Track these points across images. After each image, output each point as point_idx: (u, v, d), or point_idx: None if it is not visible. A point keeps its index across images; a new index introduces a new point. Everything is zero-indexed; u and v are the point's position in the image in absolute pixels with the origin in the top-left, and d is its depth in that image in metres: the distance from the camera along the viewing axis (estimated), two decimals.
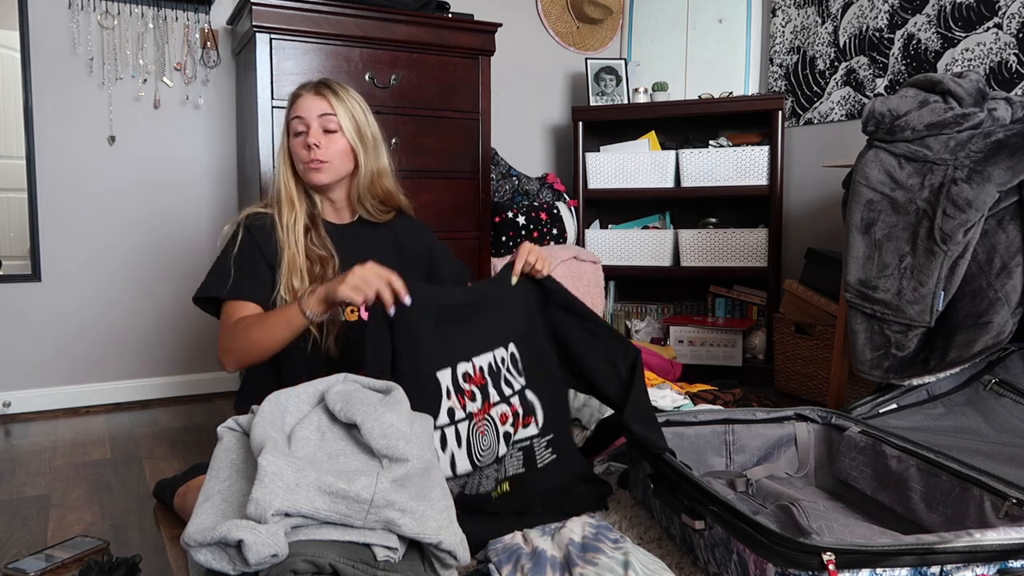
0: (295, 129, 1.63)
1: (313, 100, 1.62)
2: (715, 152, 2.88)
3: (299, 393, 1.23)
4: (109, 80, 2.43)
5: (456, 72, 2.56)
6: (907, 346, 1.72)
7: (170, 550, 1.44)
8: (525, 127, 3.27)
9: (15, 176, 2.36)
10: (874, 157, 1.79)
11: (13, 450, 2.05)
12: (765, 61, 3.06)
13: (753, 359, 2.84)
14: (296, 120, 1.63)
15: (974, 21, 2.33)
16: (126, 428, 2.27)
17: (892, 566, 1.02)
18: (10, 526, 1.55)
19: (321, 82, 1.66)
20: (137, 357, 2.57)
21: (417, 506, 1.04)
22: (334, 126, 1.62)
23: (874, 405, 1.74)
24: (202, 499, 1.05)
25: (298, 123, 1.63)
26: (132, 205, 2.51)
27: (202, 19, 2.53)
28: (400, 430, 1.11)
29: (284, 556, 0.95)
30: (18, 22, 2.30)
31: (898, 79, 2.55)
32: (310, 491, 0.99)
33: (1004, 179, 1.63)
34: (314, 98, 1.62)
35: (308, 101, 1.62)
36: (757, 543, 1.09)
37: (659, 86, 3.05)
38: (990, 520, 1.23)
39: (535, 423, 1.51)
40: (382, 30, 2.40)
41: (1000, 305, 1.64)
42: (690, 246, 2.93)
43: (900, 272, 1.73)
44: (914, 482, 1.40)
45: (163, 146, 2.54)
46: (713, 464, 1.68)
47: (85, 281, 2.47)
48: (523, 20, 3.23)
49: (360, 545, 1.03)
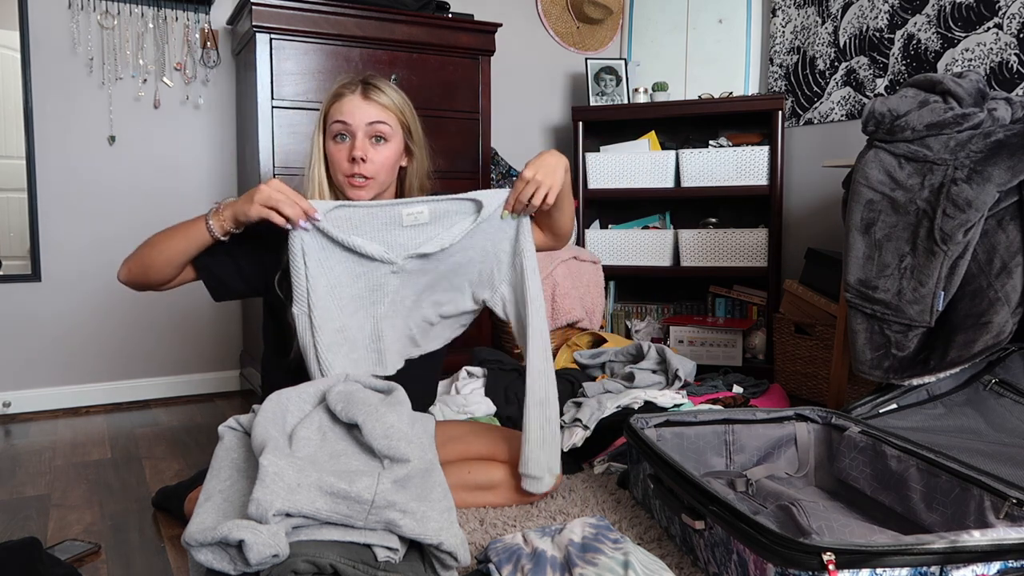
0: (336, 132, 1.47)
1: (361, 105, 1.46)
2: (715, 152, 2.88)
3: (300, 393, 1.23)
4: (109, 80, 2.43)
5: (456, 72, 2.56)
6: (907, 346, 1.73)
7: (170, 550, 1.44)
8: (525, 127, 3.27)
9: (15, 176, 2.36)
10: (874, 157, 1.79)
11: (13, 450, 2.05)
12: (765, 61, 3.06)
13: (753, 359, 2.84)
14: (338, 124, 1.46)
15: (974, 21, 2.33)
16: (126, 428, 2.27)
17: (892, 566, 1.02)
18: (10, 526, 1.55)
19: (367, 83, 1.49)
20: (137, 357, 2.57)
21: (418, 507, 1.05)
22: (386, 133, 1.48)
23: (874, 405, 1.74)
24: (203, 499, 1.05)
25: (340, 127, 1.46)
26: (132, 205, 2.51)
27: (202, 19, 2.53)
28: (401, 431, 1.11)
29: (285, 556, 0.96)
30: (18, 22, 2.30)
31: (898, 79, 2.55)
32: (311, 491, 0.99)
33: (1004, 179, 1.63)
34: (362, 103, 1.47)
35: (355, 105, 1.46)
36: (757, 543, 1.09)
37: (659, 86, 3.05)
38: (990, 520, 1.23)
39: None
40: (382, 30, 2.40)
41: (1000, 305, 1.64)
42: (690, 246, 2.93)
43: (900, 272, 1.73)
44: (914, 482, 1.40)
45: (163, 146, 2.54)
46: (713, 464, 1.68)
47: (85, 281, 2.47)
48: (523, 20, 3.23)
49: (361, 546, 1.03)
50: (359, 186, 1.47)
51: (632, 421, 1.62)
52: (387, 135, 1.48)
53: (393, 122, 1.49)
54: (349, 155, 1.46)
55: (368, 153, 1.46)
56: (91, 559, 1.39)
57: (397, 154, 1.52)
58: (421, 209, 1.45)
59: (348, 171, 1.46)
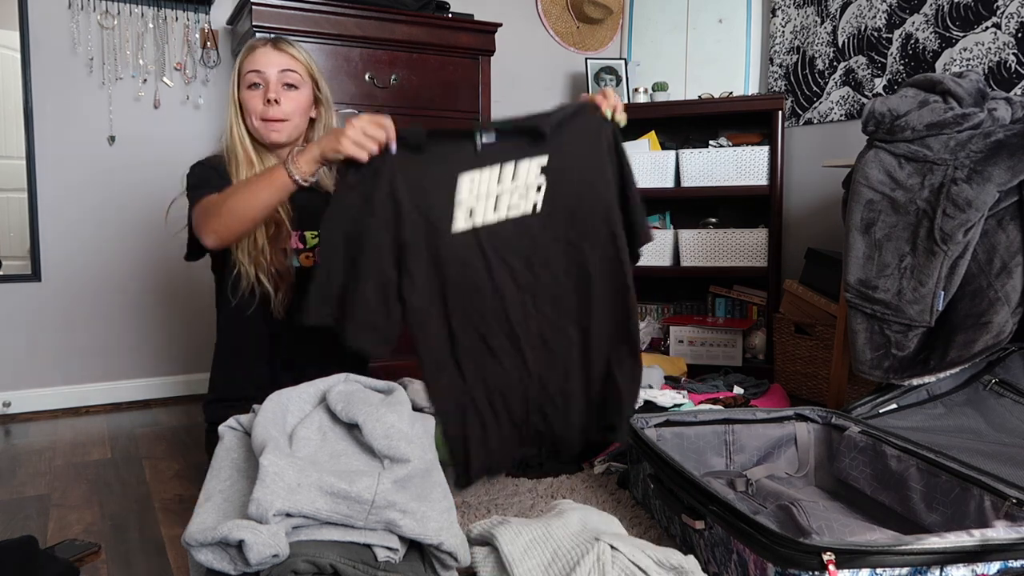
0: (250, 81, 1.57)
1: (273, 54, 1.58)
2: (715, 152, 2.88)
3: (300, 393, 1.23)
4: (109, 80, 2.43)
5: (456, 72, 2.56)
6: (907, 346, 1.73)
7: (170, 550, 1.44)
8: None
9: (15, 176, 2.35)
10: (874, 157, 1.79)
11: (13, 450, 2.05)
12: (765, 61, 3.06)
13: (753, 359, 2.84)
14: (253, 73, 1.57)
15: (972, 21, 2.33)
16: (126, 428, 2.27)
17: (892, 566, 1.03)
18: (10, 526, 1.55)
19: (278, 38, 1.64)
20: (137, 357, 2.57)
21: (418, 507, 1.05)
22: (295, 80, 1.58)
23: (874, 405, 1.74)
24: (203, 499, 1.05)
25: (255, 76, 1.57)
26: (132, 205, 2.51)
27: (202, 19, 2.53)
28: (402, 431, 1.11)
29: (285, 556, 0.96)
30: (18, 22, 2.30)
31: (896, 79, 2.55)
32: (311, 491, 0.99)
33: (1004, 179, 1.63)
34: (273, 52, 1.58)
35: (267, 55, 1.57)
36: (757, 543, 1.09)
37: (659, 86, 3.05)
38: (990, 520, 1.23)
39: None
40: (382, 30, 2.40)
41: (1000, 305, 1.64)
42: (690, 246, 2.93)
43: (900, 272, 1.73)
44: (914, 482, 1.40)
45: (163, 146, 2.54)
46: (713, 464, 1.68)
47: (85, 281, 2.47)
48: (523, 20, 3.23)
49: (361, 546, 1.03)
50: (274, 128, 1.57)
51: (632, 421, 1.62)
52: (297, 83, 1.59)
53: (302, 71, 1.60)
54: (264, 98, 1.56)
55: (281, 96, 1.56)
56: (91, 559, 1.39)
57: (308, 101, 1.62)
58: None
59: (263, 113, 1.56)
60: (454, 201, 1.37)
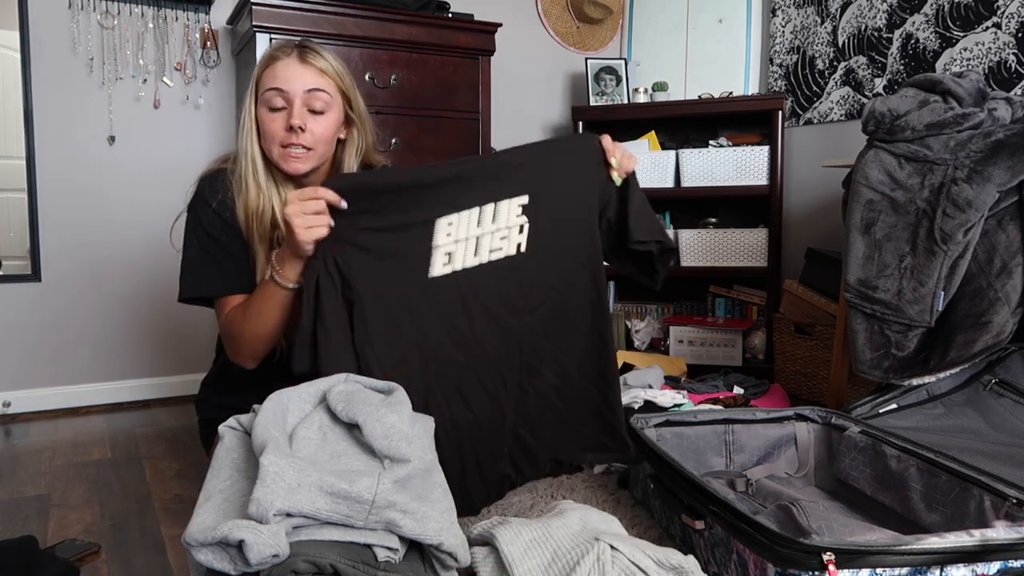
0: (272, 103, 1.36)
1: (299, 69, 1.36)
2: (715, 152, 2.88)
3: (300, 393, 1.23)
4: (109, 80, 2.43)
5: (456, 72, 2.56)
6: (907, 346, 1.73)
7: (170, 550, 1.44)
8: (525, 127, 3.27)
9: (15, 176, 2.35)
10: (874, 157, 1.79)
11: (13, 450, 2.05)
12: (765, 61, 3.06)
13: (753, 359, 2.84)
14: (273, 92, 1.35)
15: (972, 21, 2.33)
16: (126, 428, 2.27)
17: (892, 566, 1.03)
18: (10, 526, 1.55)
19: (304, 46, 1.39)
20: (137, 357, 2.57)
21: (418, 507, 1.04)
22: (322, 105, 1.37)
23: (874, 405, 1.74)
24: (203, 499, 1.05)
25: (276, 96, 1.35)
26: (132, 205, 2.51)
27: (202, 19, 2.53)
28: (402, 431, 1.11)
29: (285, 556, 0.95)
30: (18, 22, 2.30)
31: (896, 79, 2.55)
32: (312, 491, 0.99)
33: (1004, 179, 1.63)
34: (299, 66, 1.36)
35: (292, 69, 1.36)
36: (757, 543, 1.09)
37: (659, 86, 3.05)
38: (990, 520, 1.23)
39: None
40: (382, 30, 2.40)
41: (1000, 305, 1.64)
42: (690, 246, 2.93)
43: (900, 272, 1.73)
44: (914, 482, 1.40)
45: (163, 146, 2.54)
46: (713, 464, 1.68)
47: (85, 281, 2.47)
48: (523, 20, 3.23)
49: (361, 546, 1.03)
50: (296, 157, 1.36)
51: (632, 421, 1.62)
52: (326, 106, 1.38)
53: (332, 89, 1.39)
54: (286, 124, 1.35)
55: (307, 122, 1.35)
56: (91, 559, 1.39)
57: (337, 124, 1.42)
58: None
59: (285, 140, 1.35)
60: (431, 246, 1.34)
